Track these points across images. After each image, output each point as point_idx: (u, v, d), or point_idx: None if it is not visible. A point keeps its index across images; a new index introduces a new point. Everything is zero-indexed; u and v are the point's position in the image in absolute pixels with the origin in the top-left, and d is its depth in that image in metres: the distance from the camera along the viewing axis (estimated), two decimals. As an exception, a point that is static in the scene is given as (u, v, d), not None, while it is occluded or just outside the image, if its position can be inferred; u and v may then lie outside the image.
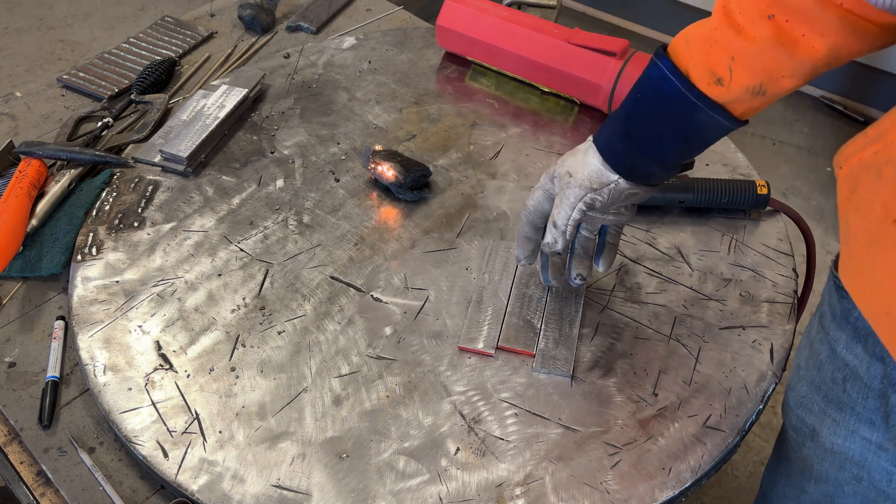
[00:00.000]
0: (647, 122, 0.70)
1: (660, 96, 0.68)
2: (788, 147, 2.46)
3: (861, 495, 0.74)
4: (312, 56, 1.27)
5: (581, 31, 1.13)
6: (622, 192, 0.75)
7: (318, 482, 0.73)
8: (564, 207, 0.76)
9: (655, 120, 0.70)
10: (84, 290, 0.90)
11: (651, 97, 0.69)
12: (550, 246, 0.78)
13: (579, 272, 0.81)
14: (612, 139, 0.73)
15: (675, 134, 0.70)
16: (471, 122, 1.15)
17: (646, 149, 0.71)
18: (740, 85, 0.65)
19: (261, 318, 0.88)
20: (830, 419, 0.72)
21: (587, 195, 0.75)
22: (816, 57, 0.62)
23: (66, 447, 0.79)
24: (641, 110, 0.70)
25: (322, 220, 0.99)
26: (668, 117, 0.69)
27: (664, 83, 0.67)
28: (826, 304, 0.71)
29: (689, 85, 0.66)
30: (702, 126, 0.68)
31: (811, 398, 0.74)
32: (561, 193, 0.76)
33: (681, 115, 0.68)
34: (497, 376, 0.82)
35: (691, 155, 0.73)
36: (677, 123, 0.69)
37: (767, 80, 0.64)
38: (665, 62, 0.67)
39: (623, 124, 0.72)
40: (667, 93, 0.67)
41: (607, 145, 0.73)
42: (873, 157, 0.57)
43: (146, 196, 1.02)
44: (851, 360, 0.67)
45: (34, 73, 2.72)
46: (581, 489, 0.73)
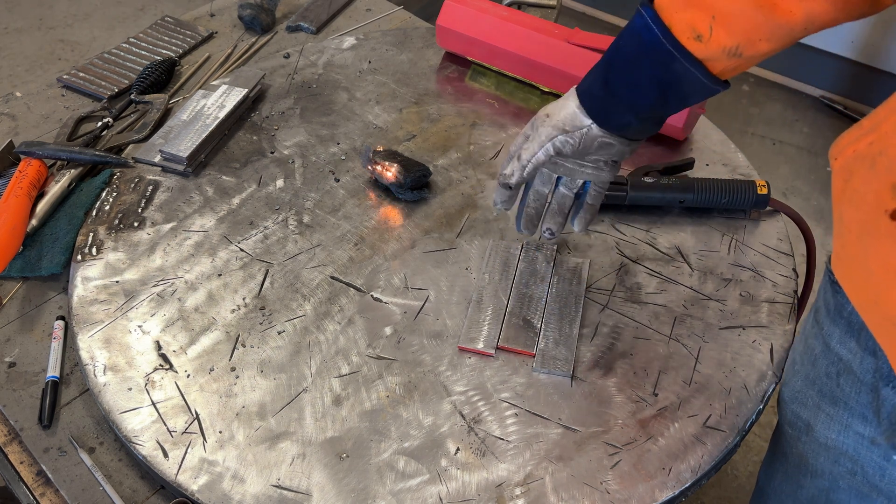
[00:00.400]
0: (625, 69, 0.71)
1: (640, 44, 0.69)
2: (788, 147, 2.46)
3: (855, 490, 0.74)
4: (312, 56, 1.27)
5: (581, 31, 1.13)
6: (594, 140, 0.75)
7: (318, 482, 0.73)
8: (532, 144, 0.77)
9: (634, 68, 0.70)
10: (84, 290, 0.90)
11: (631, 45, 0.70)
12: (506, 177, 0.79)
13: (549, 227, 0.83)
14: (591, 85, 0.74)
15: (651, 83, 0.70)
16: (471, 122, 1.15)
17: (622, 96, 0.72)
18: (718, 44, 0.66)
19: (261, 318, 0.88)
20: (825, 414, 0.73)
21: (558, 136, 0.75)
22: (794, 22, 0.63)
23: (66, 447, 0.79)
24: (621, 57, 0.71)
25: (322, 220, 0.99)
26: (646, 65, 0.69)
27: (645, 31, 0.68)
28: (821, 299, 0.71)
29: (668, 34, 0.67)
30: (678, 77, 0.69)
31: (806, 393, 0.75)
32: (534, 132, 0.77)
33: (658, 63, 0.68)
34: (497, 376, 0.82)
35: (667, 110, 0.73)
36: (654, 72, 0.69)
37: (745, 42, 0.65)
38: (648, 10, 0.68)
39: (603, 70, 0.73)
40: (647, 40, 0.68)
41: (586, 90, 0.74)
42: (868, 147, 0.58)
43: (146, 196, 1.02)
44: (845, 355, 0.68)
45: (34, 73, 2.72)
46: (581, 489, 0.73)
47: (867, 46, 2.42)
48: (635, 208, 1.00)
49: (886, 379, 0.64)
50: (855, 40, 2.43)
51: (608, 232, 0.98)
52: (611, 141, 0.75)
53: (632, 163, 1.07)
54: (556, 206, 0.83)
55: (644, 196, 0.98)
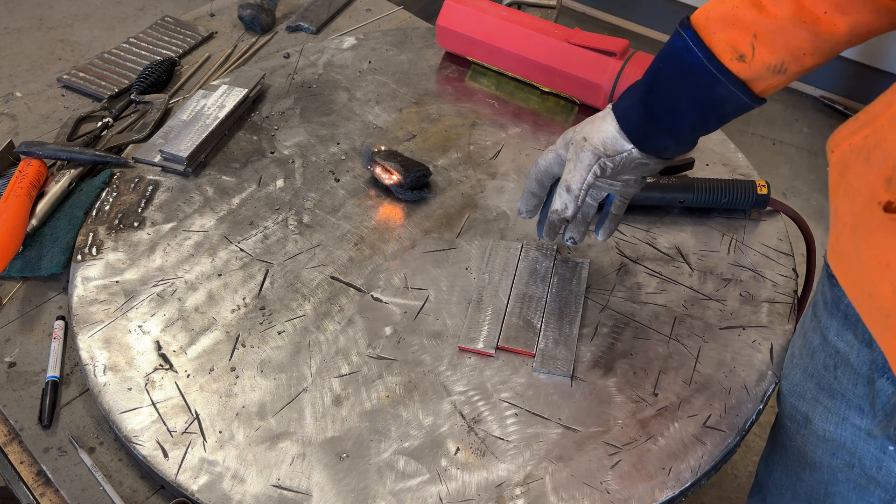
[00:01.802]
0: (666, 92, 0.70)
1: (681, 66, 0.68)
2: (788, 147, 2.46)
3: (853, 482, 0.75)
4: (312, 56, 1.27)
5: (581, 31, 1.13)
6: (633, 162, 0.75)
7: (318, 482, 0.73)
8: (579, 171, 0.76)
9: (675, 91, 0.69)
10: (84, 290, 0.90)
11: (672, 67, 0.69)
12: (560, 212, 0.78)
13: (572, 236, 0.83)
14: (630, 108, 0.73)
15: (693, 106, 0.69)
16: (471, 122, 1.15)
17: (662, 120, 0.71)
18: (762, 62, 0.65)
19: (261, 318, 0.88)
20: (822, 406, 0.73)
21: (600, 160, 0.75)
22: (838, 35, 0.62)
23: (66, 447, 0.79)
24: (662, 80, 0.70)
25: (322, 220, 0.99)
26: (688, 89, 0.68)
27: (686, 53, 0.67)
28: (819, 293, 0.72)
29: (710, 56, 0.66)
30: (721, 100, 0.68)
31: (804, 386, 0.75)
32: (575, 158, 0.76)
33: (700, 87, 0.68)
34: (497, 376, 0.82)
35: (706, 130, 0.73)
36: (696, 95, 0.68)
37: (789, 58, 0.65)
38: (688, 32, 0.67)
39: (642, 93, 0.71)
40: (688, 63, 0.67)
41: (625, 114, 0.73)
42: (863, 140, 0.58)
43: (146, 196, 1.02)
44: (842, 347, 0.68)
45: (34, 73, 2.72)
46: (581, 489, 0.73)
47: (867, 46, 2.42)
48: (635, 208, 1.00)
49: (881, 371, 0.64)
50: (855, 40, 2.42)
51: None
52: (647, 161, 0.75)
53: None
54: (581, 216, 0.83)
55: (644, 196, 0.98)
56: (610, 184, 0.79)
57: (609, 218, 0.83)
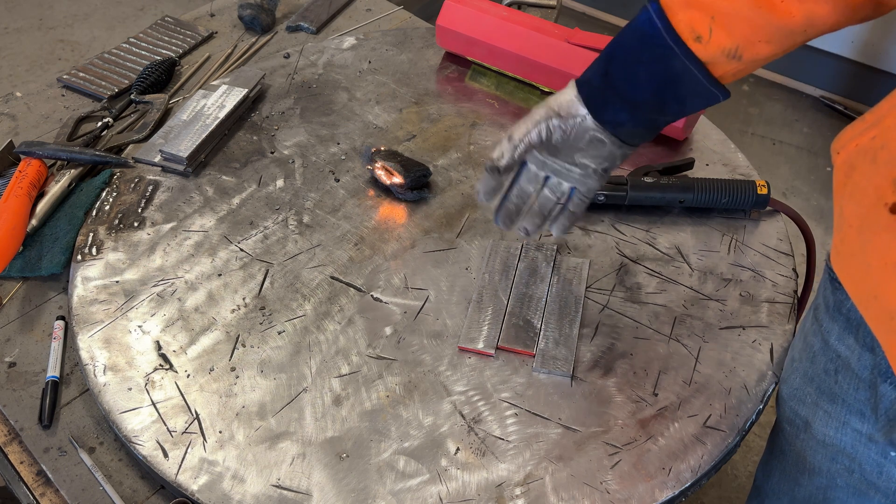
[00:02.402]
0: (625, 61, 0.70)
1: (642, 37, 0.68)
2: (788, 147, 2.46)
3: (853, 488, 0.74)
4: (312, 56, 1.27)
5: (581, 31, 1.13)
6: (586, 132, 0.74)
7: (318, 482, 0.73)
8: (525, 123, 0.76)
9: (634, 61, 0.70)
10: (84, 290, 0.90)
11: (633, 38, 0.70)
12: (495, 160, 0.78)
13: (525, 225, 0.82)
14: (591, 74, 0.73)
15: (650, 78, 0.69)
16: (471, 122, 1.15)
17: (620, 89, 0.71)
18: (718, 45, 0.65)
19: (261, 318, 0.88)
20: (823, 411, 0.73)
21: (552, 119, 0.75)
22: (794, 23, 0.63)
23: (66, 447, 0.79)
24: (623, 49, 0.71)
25: (322, 220, 0.99)
26: (646, 59, 0.69)
27: (647, 25, 0.68)
28: (820, 296, 0.71)
29: (670, 29, 0.66)
30: (677, 76, 0.68)
31: (804, 390, 0.75)
32: (528, 114, 0.77)
33: (658, 58, 0.68)
34: (497, 376, 0.82)
35: (663, 113, 0.73)
36: (654, 67, 0.69)
37: (744, 44, 0.65)
38: (654, 5, 0.67)
39: (603, 61, 0.72)
40: (648, 34, 0.68)
41: (585, 80, 0.74)
42: (870, 142, 0.58)
43: (146, 196, 1.02)
44: (843, 351, 0.68)
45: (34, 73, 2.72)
46: (581, 489, 0.73)
47: (867, 46, 2.42)
48: (635, 208, 1.00)
49: (884, 375, 0.64)
50: (855, 40, 2.43)
51: (608, 232, 0.98)
52: (602, 138, 0.74)
53: (632, 163, 1.07)
54: (538, 208, 0.82)
55: (644, 196, 0.98)
56: (568, 167, 0.78)
57: (566, 214, 0.81)
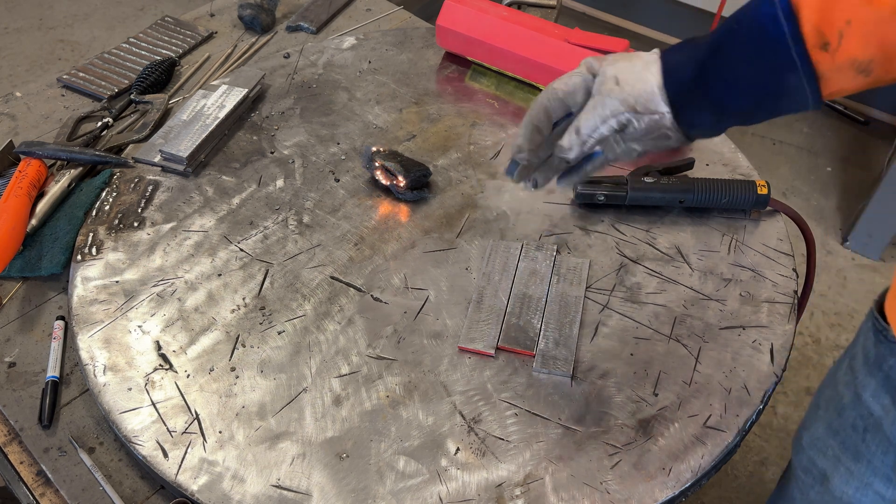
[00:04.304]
0: (731, 61, 0.60)
1: (760, 37, 0.58)
2: (788, 147, 2.46)
3: None
4: (312, 56, 1.27)
5: (581, 31, 1.13)
6: (659, 129, 0.64)
7: (318, 482, 0.73)
8: (595, 117, 0.65)
9: (742, 63, 0.59)
10: (84, 290, 0.90)
11: (749, 34, 0.58)
12: (563, 150, 0.67)
13: (536, 177, 0.74)
14: (683, 63, 0.62)
15: (753, 87, 0.60)
16: (471, 122, 1.15)
17: (713, 93, 0.61)
18: (847, 56, 0.55)
19: (261, 318, 0.88)
20: (844, 468, 0.69)
21: (626, 114, 0.64)
22: None
23: (66, 447, 0.79)
24: (732, 46, 0.60)
25: (322, 220, 0.99)
26: (758, 66, 0.58)
27: (772, 25, 0.57)
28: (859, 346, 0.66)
29: (798, 37, 0.56)
30: (784, 90, 0.58)
31: (826, 442, 0.71)
32: (598, 98, 0.65)
33: (772, 68, 0.58)
34: (497, 376, 0.82)
35: (748, 121, 0.64)
36: (763, 77, 0.59)
37: (881, 58, 0.55)
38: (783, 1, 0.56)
39: (704, 53, 0.61)
40: (770, 37, 0.57)
41: (675, 68, 0.62)
42: None
43: (146, 196, 1.02)
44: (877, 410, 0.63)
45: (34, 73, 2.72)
46: (581, 489, 0.73)
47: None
48: (635, 208, 1.00)
49: None
50: (855, 40, 2.42)
51: (608, 232, 0.98)
52: (670, 134, 0.65)
53: (632, 163, 1.07)
54: (556, 163, 0.73)
55: (644, 196, 0.98)
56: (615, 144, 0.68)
57: (580, 173, 0.72)
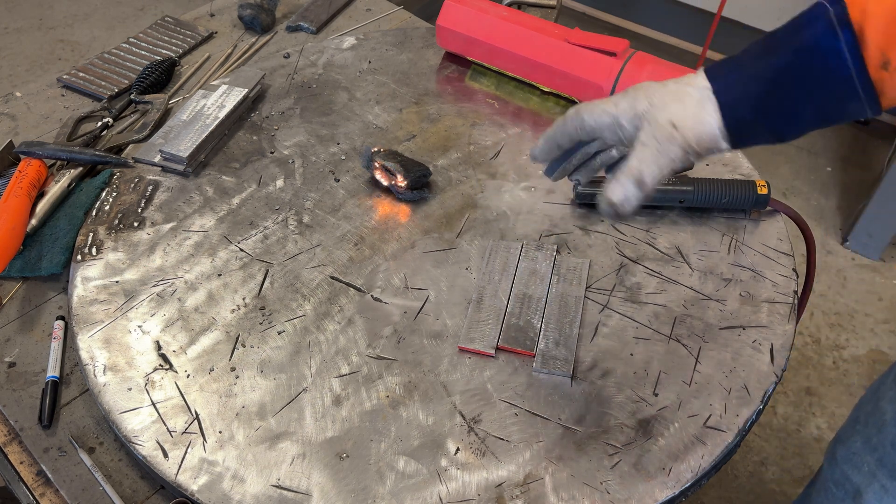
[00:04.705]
0: (791, 96, 0.57)
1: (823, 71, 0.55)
2: (788, 147, 2.46)
3: None
4: (312, 56, 1.27)
5: (581, 31, 1.13)
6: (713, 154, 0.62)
7: (318, 482, 0.73)
8: (660, 165, 0.61)
9: (804, 97, 0.57)
10: (84, 290, 0.90)
11: (810, 68, 0.56)
12: (618, 205, 0.62)
13: (578, 178, 0.72)
14: (741, 104, 0.59)
15: (816, 115, 0.57)
16: (471, 122, 1.15)
17: (776, 123, 0.59)
18: None
19: (261, 318, 0.88)
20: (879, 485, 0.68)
21: (686, 158, 0.61)
22: None
23: (66, 447, 0.79)
24: (791, 81, 0.57)
25: (322, 220, 0.99)
26: (820, 97, 0.56)
27: (834, 58, 0.55)
28: None
29: (864, 70, 0.54)
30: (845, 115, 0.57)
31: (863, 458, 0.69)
32: (657, 146, 0.61)
33: (836, 98, 0.56)
34: (497, 376, 0.82)
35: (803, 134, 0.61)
36: (827, 107, 0.57)
37: None
38: (847, 34, 0.54)
39: (763, 91, 0.58)
40: (833, 70, 0.55)
41: (733, 106, 0.59)
42: None
43: (146, 196, 1.02)
44: None
45: (34, 73, 2.72)
46: (581, 489, 0.73)
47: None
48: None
49: None
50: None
51: (608, 232, 0.98)
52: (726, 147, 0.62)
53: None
54: (598, 164, 0.72)
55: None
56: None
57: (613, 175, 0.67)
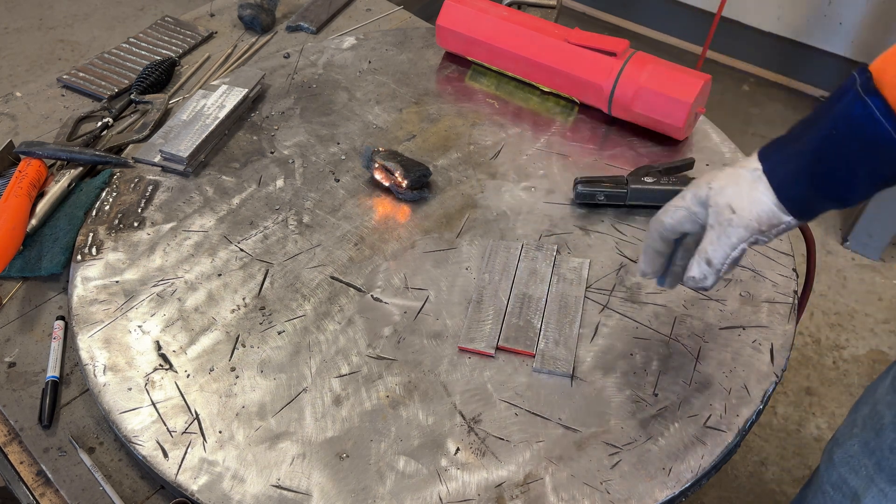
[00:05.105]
0: (839, 164, 0.61)
1: (861, 138, 0.59)
2: (788, 147, 2.45)
3: None
4: (312, 56, 1.27)
5: (581, 31, 1.13)
6: (788, 229, 0.66)
7: (318, 482, 0.73)
8: (724, 247, 0.67)
9: (852, 164, 0.60)
10: (84, 290, 0.90)
11: (850, 137, 0.59)
12: (698, 281, 0.69)
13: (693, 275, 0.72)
14: (791, 178, 0.63)
15: (871, 178, 0.60)
16: (471, 122, 1.15)
17: (832, 191, 0.62)
18: None
19: (261, 318, 0.88)
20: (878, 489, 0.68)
21: (755, 236, 0.66)
22: None
23: (66, 447, 0.79)
24: (835, 151, 0.60)
25: (322, 220, 0.99)
26: (868, 162, 0.59)
27: (870, 124, 0.58)
28: None
29: None
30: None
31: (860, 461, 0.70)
32: (719, 230, 0.67)
33: (884, 160, 0.59)
34: (497, 376, 0.82)
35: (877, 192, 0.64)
36: (878, 169, 0.59)
37: None
38: (875, 100, 0.57)
39: (809, 163, 0.62)
40: (871, 135, 0.58)
41: (784, 184, 0.64)
42: None
43: (146, 196, 1.02)
44: None
45: (34, 73, 2.72)
46: (581, 489, 0.73)
47: (866, 46, 2.42)
48: (635, 208, 1.00)
49: None
50: (854, 39, 2.43)
51: (608, 232, 0.98)
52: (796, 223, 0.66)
53: (632, 163, 1.07)
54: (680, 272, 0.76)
55: (644, 196, 0.98)
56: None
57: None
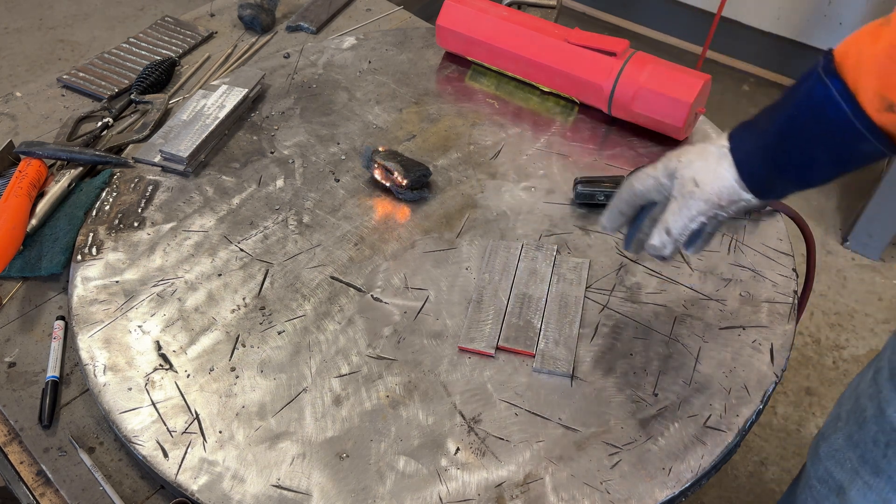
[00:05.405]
0: (801, 146, 0.62)
1: (822, 120, 0.60)
2: (788, 147, 2.46)
3: None
4: (312, 56, 1.27)
5: (581, 31, 1.13)
6: (748, 207, 0.69)
7: (318, 482, 0.73)
8: (683, 218, 0.70)
9: (812, 146, 0.62)
10: (84, 290, 0.90)
11: (810, 119, 0.61)
12: (657, 250, 0.72)
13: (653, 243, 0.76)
14: (754, 157, 0.65)
15: (831, 161, 0.62)
16: (471, 122, 1.15)
17: (792, 173, 0.64)
18: None
19: (261, 318, 0.88)
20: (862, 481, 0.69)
21: (713, 210, 0.68)
22: None
23: (66, 447, 0.79)
24: (796, 132, 0.62)
25: (322, 220, 0.99)
26: (828, 144, 0.61)
27: (830, 106, 0.59)
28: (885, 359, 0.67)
29: (859, 112, 0.58)
30: (863, 155, 0.61)
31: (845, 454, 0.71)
32: (681, 201, 0.69)
33: (843, 143, 0.60)
34: (497, 376, 0.82)
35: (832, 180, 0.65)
36: (837, 151, 0.61)
37: None
38: (835, 82, 0.59)
39: (771, 143, 0.64)
40: (832, 118, 0.59)
41: (746, 161, 0.66)
42: None
43: (146, 196, 1.02)
44: None
45: (34, 73, 2.72)
46: (581, 489, 0.73)
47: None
48: (635, 208, 1.00)
49: None
50: (855, 40, 2.42)
51: (608, 232, 0.97)
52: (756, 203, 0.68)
53: (632, 163, 1.07)
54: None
55: (644, 196, 0.98)
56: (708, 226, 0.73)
57: (703, 237, 0.76)
